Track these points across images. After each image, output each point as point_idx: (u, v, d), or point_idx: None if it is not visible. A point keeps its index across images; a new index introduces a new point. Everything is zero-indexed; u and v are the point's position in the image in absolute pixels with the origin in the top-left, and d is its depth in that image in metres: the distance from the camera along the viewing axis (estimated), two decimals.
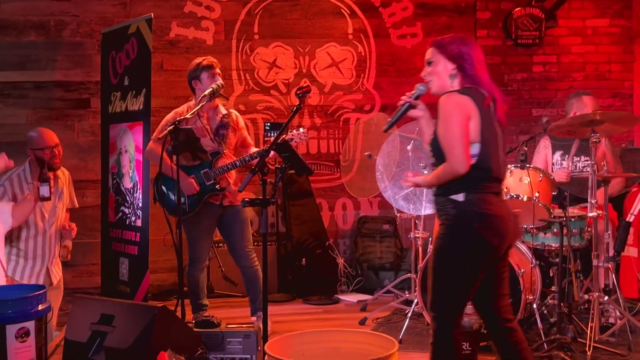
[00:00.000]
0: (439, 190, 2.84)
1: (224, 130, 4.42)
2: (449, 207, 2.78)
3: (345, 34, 6.18)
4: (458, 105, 2.76)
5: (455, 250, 2.76)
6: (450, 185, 2.79)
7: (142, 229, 4.81)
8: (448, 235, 2.77)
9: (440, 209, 2.83)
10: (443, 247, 2.79)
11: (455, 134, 2.73)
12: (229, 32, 6.01)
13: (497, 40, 6.35)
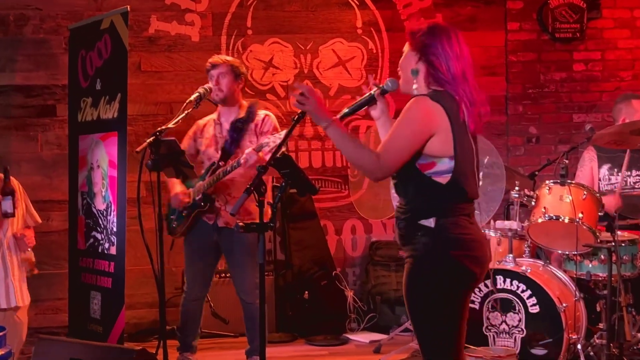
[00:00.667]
0: (403, 215, 2.80)
1: (233, 136, 4.37)
2: (418, 235, 2.75)
3: (353, 28, 6.20)
4: (426, 117, 2.76)
5: (434, 286, 2.73)
6: (417, 209, 2.77)
7: (117, 258, 4.80)
8: (421, 270, 2.75)
9: (406, 238, 2.79)
10: (418, 286, 2.76)
11: (403, 140, 2.74)
12: (218, 27, 6.04)
13: (531, 34, 6.37)
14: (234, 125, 4.40)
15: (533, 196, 4.63)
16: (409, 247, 2.78)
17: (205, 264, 4.49)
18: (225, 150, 4.40)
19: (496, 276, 4.46)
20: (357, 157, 2.76)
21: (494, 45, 6.34)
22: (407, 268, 2.78)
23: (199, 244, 4.45)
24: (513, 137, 6.38)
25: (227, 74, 4.39)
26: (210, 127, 4.50)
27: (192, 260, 4.48)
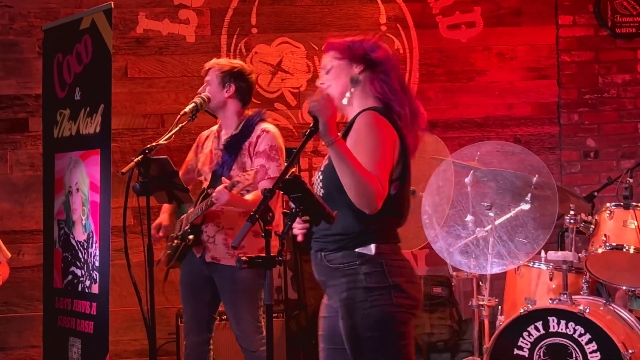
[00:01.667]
0: (333, 244, 3.03)
1: (225, 157, 4.36)
2: (357, 264, 2.99)
3: (376, 24, 6.23)
4: (391, 131, 3.01)
5: (383, 320, 2.98)
6: (353, 235, 3.00)
7: (99, 298, 4.81)
8: (363, 302, 2.96)
9: (337, 270, 3.01)
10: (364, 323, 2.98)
11: (384, 157, 2.97)
12: (217, 25, 6.08)
13: (587, 30, 6.37)
14: (226, 144, 4.37)
15: (591, 222, 4.60)
16: (344, 280, 3.00)
17: (199, 303, 4.47)
18: (216, 175, 4.34)
19: (549, 317, 4.43)
20: (362, 182, 2.91)
21: (543, 43, 6.34)
22: (347, 304, 2.99)
23: (190, 279, 4.46)
24: (567, 152, 6.36)
25: (212, 80, 4.37)
26: (210, 141, 4.51)
27: (185, 300, 4.51)
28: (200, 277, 4.42)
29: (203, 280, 4.43)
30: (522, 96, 6.32)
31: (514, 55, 6.31)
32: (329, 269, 3.04)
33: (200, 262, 4.39)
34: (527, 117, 6.32)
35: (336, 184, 2.97)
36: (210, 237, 4.37)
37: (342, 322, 3.02)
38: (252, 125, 4.36)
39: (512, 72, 6.31)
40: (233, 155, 4.33)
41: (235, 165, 4.32)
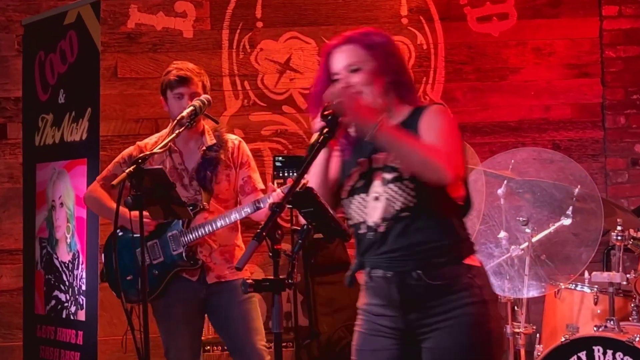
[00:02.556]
0: (442, 257, 2.99)
1: (208, 170, 4.44)
2: (469, 277, 3.00)
3: (396, 16, 6.24)
4: None
5: (499, 336, 3.09)
6: (456, 246, 3.01)
7: (86, 325, 4.82)
8: (484, 317, 3.00)
9: (450, 283, 2.99)
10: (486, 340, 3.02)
11: (459, 143, 3.00)
12: (218, 19, 6.11)
13: (635, 22, 6.36)
14: (207, 157, 4.43)
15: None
16: (456, 297, 2.97)
17: (193, 334, 4.50)
18: (207, 190, 4.42)
19: (593, 347, 4.41)
20: (424, 154, 2.89)
21: (585, 36, 6.34)
22: (464, 321, 2.96)
23: (185, 307, 4.44)
24: (613, 159, 6.35)
25: (200, 93, 4.39)
26: (163, 156, 4.45)
27: (175, 333, 4.46)
28: (194, 302, 4.43)
29: (197, 307, 4.46)
30: (561, 97, 6.32)
31: (552, 50, 6.31)
32: (428, 287, 2.97)
33: (196, 286, 4.43)
34: (567, 121, 6.31)
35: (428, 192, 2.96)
36: (207, 257, 4.43)
37: (451, 342, 2.98)
38: (222, 135, 4.50)
39: (549, 69, 6.31)
40: (216, 167, 4.43)
41: (220, 177, 4.44)
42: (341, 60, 3.08)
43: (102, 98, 4.93)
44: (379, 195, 3.03)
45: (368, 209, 3.05)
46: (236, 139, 4.55)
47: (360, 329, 3.18)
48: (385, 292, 3.05)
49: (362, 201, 3.07)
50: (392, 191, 3.00)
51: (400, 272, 3.01)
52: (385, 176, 3.02)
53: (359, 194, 3.08)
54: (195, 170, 4.45)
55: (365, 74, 3.05)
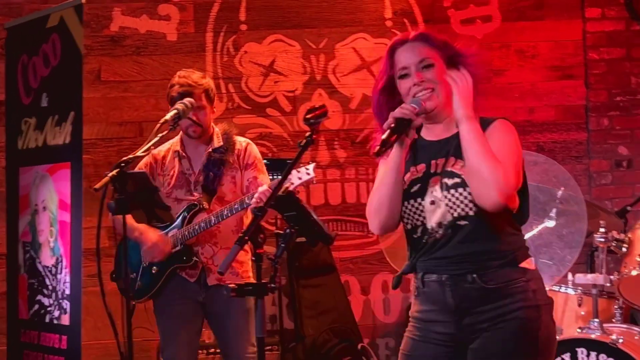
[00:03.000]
0: (499, 260, 2.98)
1: (211, 170, 4.45)
2: (524, 281, 2.98)
3: (381, 19, 6.25)
4: None
5: (552, 342, 3.04)
6: (515, 248, 3.01)
7: (70, 330, 4.79)
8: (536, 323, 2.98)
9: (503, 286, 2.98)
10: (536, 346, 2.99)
11: (518, 160, 3.02)
12: (202, 22, 6.09)
13: (618, 24, 6.38)
14: (212, 158, 4.45)
15: (625, 240, 4.60)
16: (508, 301, 2.96)
17: (190, 334, 4.50)
18: (208, 190, 4.44)
19: (577, 349, 4.42)
20: (489, 163, 2.91)
21: (568, 39, 6.35)
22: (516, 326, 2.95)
23: (183, 307, 4.46)
24: (596, 161, 6.37)
25: (204, 105, 4.41)
26: (174, 162, 4.52)
27: (171, 331, 4.48)
28: (192, 304, 4.45)
29: (194, 309, 4.47)
30: (545, 99, 6.33)
31: (536, 52, 6.32)
32: (483, 291, 2.96)
33: (194, 288, 4.44)
34: (551, 122, 6.32)
35: None
36: (208, 258, 4.43)
37: (498, 346, 2.96)
38: (232, 139, 4.51)
39: (533, 71, 6.32)
40: (221, 168, 4.44)
41: (225, 179, 4.44)
42: (414, 55, 3.04)
43: (85, 101, 4.91)
44: (436, 200, 3.00)
45: (425, 213, 3.02)
46: (244, 141, 4.55)
47: (411, 335, 3.13)
48: (439, 297, 3.02)
49: (418, 205, 3.03)
50: (452, 197, 2.97)
51: (455, 276, 2.98)
52: (446, 181, 2.99)
53: (415, 199, 3.03)
54: (199, 172, 4.47)
55: (438, 71, 3.03)
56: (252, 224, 2.93)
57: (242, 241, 2.87)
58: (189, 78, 4.42)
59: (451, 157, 3.00)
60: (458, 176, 2.97)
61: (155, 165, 4.58)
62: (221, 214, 4.33)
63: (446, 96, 3.04)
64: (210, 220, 4.36)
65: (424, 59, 3.03)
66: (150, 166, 4.58)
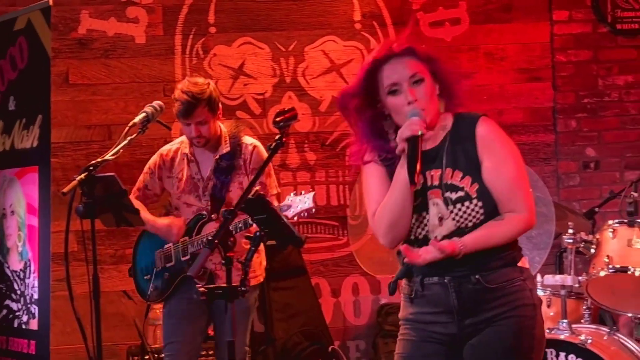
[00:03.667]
0: (500, 260, 3.02)
1: (219, 179, 4.45)
2: (521, 280, 3.03)
3: (350, 22, 6.25)
4: None
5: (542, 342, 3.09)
6: (512, 247, 3.05)
7: (39, 334, 4.78)
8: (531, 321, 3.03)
9: (503, 286, 3.02)
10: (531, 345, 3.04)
11: (524, 171, 3.04)
12: (171, 24, 6.07)
13: (585, 26, 6.42)
14: (220, 165, 4.45)
15: (592, 241, 4.63)
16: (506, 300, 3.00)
17: (194, 330, 4.55)
18: (216, 199, 4.45)
19: (546, 350, 4.44)
20: (509, 235, 3.00)
21: (535, 41, 6.38)
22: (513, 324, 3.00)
23: (187, 307, 4.50)
24: (564, 162, 6.40)
25: (207, 118, 4.36)
26: (183, 164, 4.52)
27: (176, 325, 4.53)
28: (197, 303, 4.46)
29: (200, 308, 4.50)
30: (513, 101, 6.36)
31: (504, 55, 6.35)
32: (485, 291, 2.99)
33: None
34: (519, 124, 6.34)
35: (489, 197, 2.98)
36: (216, 264, 4.44)
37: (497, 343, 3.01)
38: (239, 140, 4.50)
39: (501, 74, 6.35)
40: (229, 175, 4.45)
41: (232, 185, 4.45)
42: (404, 70, 2.99)
43: (53, 104, 4.89)
44: (443, 216, 2.99)
45: (429, 226, 3.01)
46: (252, 143, 4.51)
47: (407, 337, 3.11)
48: (442, 299, 3.02)
49: (422, 219, 3.02)
50: (459, 211, 2.97)
51: (458, 277, 2.99)
52: (449, 196, 2.98)
53: (419, 213, 3.01)
54: (208, 179, 4.47)
55: (428, 86, 3.00)
56: (221, 227, 2.94)
57: (212, 244, 2.87)
58: (189, 93, 4.33)
59: (447, 168, 2.99)
60: (461, 189, 2.97)
61: (164, 166, 4.58)
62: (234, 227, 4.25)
63: (435, 109, 3.02)
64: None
65: (415, 73, 2.98)
66: (159, 167, 4.58)
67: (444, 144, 3.01)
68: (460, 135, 3.02)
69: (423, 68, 3.00)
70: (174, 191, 4.53)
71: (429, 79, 3.00)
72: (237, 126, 4.59)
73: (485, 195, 2.96)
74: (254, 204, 2.99)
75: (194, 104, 4.32)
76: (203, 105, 4.35)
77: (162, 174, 4.57)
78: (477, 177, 2.96)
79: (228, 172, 4.46)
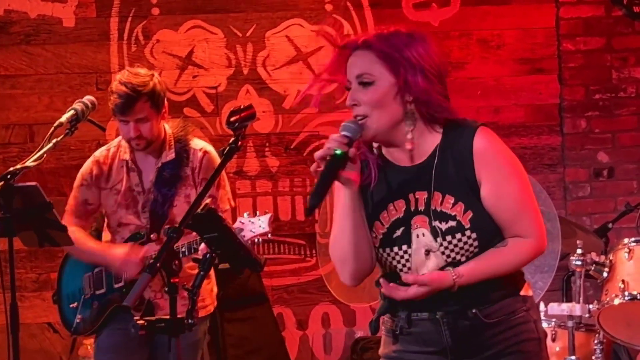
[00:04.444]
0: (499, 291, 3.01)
1: (161, 192, 4.42)
2: (524, 311, 3.03)
3: (319, 2, 6.28)
4: None
5: None
6: (513, 279, 3.04)
7: None
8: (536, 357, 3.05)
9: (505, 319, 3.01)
10: None
11: (531, 191, 3.03)
12: (106, 5, 6.06)
13: (597, 9, 6.47)
14: (162, 175, 4.41)
15: (605, 263, 4.65)
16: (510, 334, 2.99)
17: None
18: (157, 215, 4.40)
19: None
20: (514, 265, 3.00)
21: (539, 26, 6.43)
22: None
23: (124, 338, 4.44)
24: (572, 169, 6.45)
25: (149, 115, 4.32)
26: (121, 173, 4.47)
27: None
28: (134, 338, 4.40)
29: (137, 342, 4.44)
30: (512, 97, 6.40)
31: (501, 42, 6.38)
32: (483, 327, 2.97)
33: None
34: (519, 125, 6.38)
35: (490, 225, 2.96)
36: (156, 292, 4.42)
37: None
38: (186, 144, 4.46)
39: (499, 65, 6.39)
40: (173, 187, 4.41)
41: (177, 199, 4.41)
42: (353, 68, 2.97)
43: None
44: (431, 250, 2.96)
45: (412, 262, 2.98)
46: (202, 148, 4.47)
47: None
48: (433, 337, 3.00)
49: (403, 254, 2.99)
50: (450, 245, 2.94)
51: (452, 312, 2.97)
52: (438, 226, 2.94)
53: (399, 246, 2.98)
54: (149, 191, 4.44)
55: (377, 91, 2.94)
56: (164, 247, 2.92)
57: (153, 268, 2.86)
58: (129, 84, 4.30)
59: (436, 192, 2.94)
60: (452, 218, 2.93)
61: (101, 176, 4.50)
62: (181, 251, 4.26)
63: (390, 120, 2.94)
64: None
65: (362, 74, 2.94)
66: (96, 177, 4.50)
67: (432, 161, 2.97)
68: (453, 151, 2.96)
69: (381, 67, 2.94)
70: (110, 206, 4.49)
71: (384, 83, 2.93)
72: (184, 127, 4.54)
73: (480, 225, 2.93)
74: (204, 220, 2.97)
75: (134, 98, 4.29)
76: (145, 100, 4.32)
77: (100, 184, 4.50)
78: (470, 204, 2.92)
79: (172, 184, 4.41)
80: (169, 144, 4.44)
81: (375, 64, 2.94)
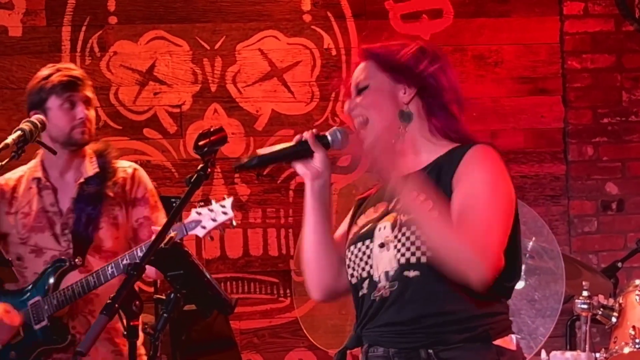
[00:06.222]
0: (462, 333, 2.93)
1: (84, 211, 4.39)
2: None
3: (296, 12, 6.30)
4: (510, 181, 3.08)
5: None
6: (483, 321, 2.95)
7: None
8: None
9: None
10: None
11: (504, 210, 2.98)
12: (57, 12, 6.07)
13: (606, 24, 6.52)
14: (85, 192, 4.39)
15: (614, 307, 4.67)
16: None
17: None
18: (80, 237, 4.37)
19: None
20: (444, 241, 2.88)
21: (541, 42, 6.47)
22: None
23: None
24: (578, 202, 6.48)
25: (93, 103, 4.41)
26: (30, 195, 4.45)
27: None
28: None
29: None
30: (511, 119, 6.43)
31: (499, 59, 6.42)
32: None
33: None
34: (519, 151, 6.42)
35: None
36: (83, 334, 4.33)
37: None
38: (108, 160, 4.46)
39: (496, 84, 6.42)
40: (97, 206, 4.38)
41: (103, 221, 4.38)
42: (354, 77, 3.15)
43: None
44: (385, 242, 2.99)
45: (372, 260, 3.01)
46: (130, 166, 4.51)
47: None
48: None
49: (366, 249, 3.04)
50: (403, 237, 2.95)
51: (405, 350, 2.95)
52: (401, 218, 2.97)
53: (363, 241, 3.05)
54: (68, 210, 4.41)
55: (371, 93, 3.09)
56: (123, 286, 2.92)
57: (111, 310, 2.86)
58: (69, 71, 4.39)
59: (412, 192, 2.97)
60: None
61: (3, 200, 4.49)
62: (103, 273, 4.23)
63: (387, 118, 3.08)
64: (88, 282, 4.27)
65: (357, 82, 3.12)
66: None
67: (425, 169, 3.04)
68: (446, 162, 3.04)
69: (372, 68, 3.11)
70: (17, 232, 4.45)
71: (377, 80, 3.09)
72: (105, 146, 4.55)
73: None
74: (168, 256, 2.99)
75: (81, 79, 4.39)
76: (89, 87, 4.41)
77: (1, 211, 4.47)
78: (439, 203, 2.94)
79: (97, 202, 4.38)
80: (90, 159, 4.44)
81: (366, 68, 3.12)
